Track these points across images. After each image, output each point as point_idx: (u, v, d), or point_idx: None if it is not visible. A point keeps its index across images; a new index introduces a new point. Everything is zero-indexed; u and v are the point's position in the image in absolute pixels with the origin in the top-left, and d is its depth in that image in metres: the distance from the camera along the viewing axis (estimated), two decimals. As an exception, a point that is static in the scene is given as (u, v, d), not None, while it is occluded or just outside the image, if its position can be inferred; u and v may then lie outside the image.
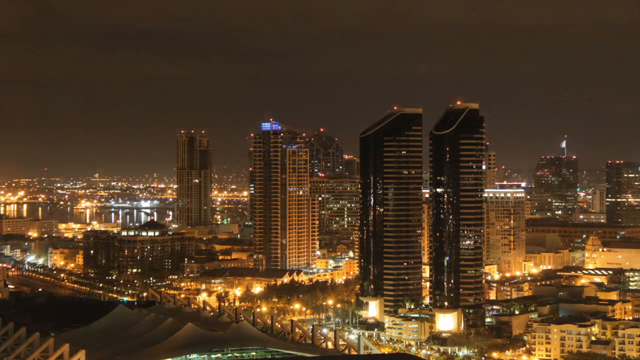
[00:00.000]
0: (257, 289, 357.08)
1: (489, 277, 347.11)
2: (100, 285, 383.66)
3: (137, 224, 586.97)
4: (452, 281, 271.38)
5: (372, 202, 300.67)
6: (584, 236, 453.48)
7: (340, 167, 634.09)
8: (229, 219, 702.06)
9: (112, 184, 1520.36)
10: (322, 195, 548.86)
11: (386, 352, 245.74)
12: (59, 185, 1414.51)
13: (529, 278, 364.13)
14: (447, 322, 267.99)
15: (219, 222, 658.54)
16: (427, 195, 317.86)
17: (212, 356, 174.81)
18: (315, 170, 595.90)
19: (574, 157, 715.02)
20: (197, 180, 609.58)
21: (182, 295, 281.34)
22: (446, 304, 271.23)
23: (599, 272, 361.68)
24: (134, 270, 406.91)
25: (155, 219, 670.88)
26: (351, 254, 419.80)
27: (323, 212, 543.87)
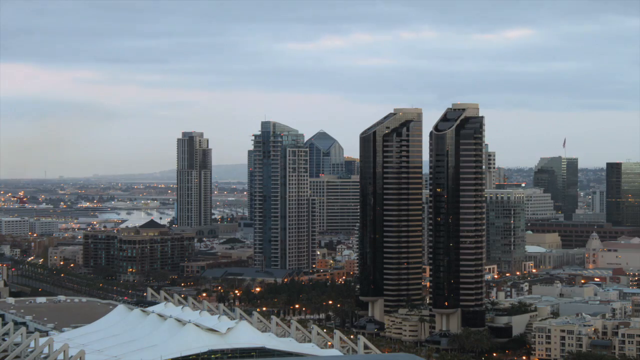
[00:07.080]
0: (257, 289, 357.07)
1: (489, 277, 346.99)
2: (100, 285, 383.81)
3: (137, 224, 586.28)
4: (452, 281, 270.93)
5: (372, 202, 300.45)
6: (584, 236, 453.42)
7: (341, 167, 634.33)
8: (228, 219, 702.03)
9: (112, 184, 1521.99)
10: (322, 195, 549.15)
11: (386, 352, 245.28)
12: (59, 185, 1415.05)
13: (529, 278, 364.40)
14: (447, 322, 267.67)
15: (219, 222, 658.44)
16: (427, 195, 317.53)
17: (212, 356, 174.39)
18: (315, 170, 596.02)
19: (574, 157, 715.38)
20: (197, 180, 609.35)
21: (182, 295, 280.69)
22: (446, 304, 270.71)
23: (599, 272, 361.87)
24: (134, 270, 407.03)
25: (155, 219, 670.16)
26: (351, 254, 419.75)
27: (323, 212, 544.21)
